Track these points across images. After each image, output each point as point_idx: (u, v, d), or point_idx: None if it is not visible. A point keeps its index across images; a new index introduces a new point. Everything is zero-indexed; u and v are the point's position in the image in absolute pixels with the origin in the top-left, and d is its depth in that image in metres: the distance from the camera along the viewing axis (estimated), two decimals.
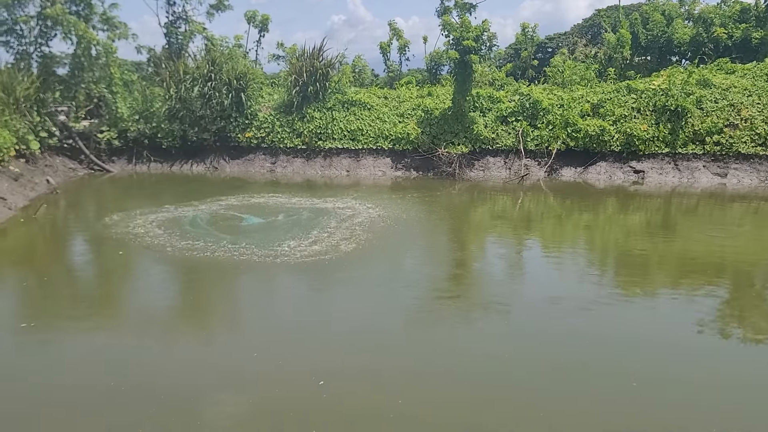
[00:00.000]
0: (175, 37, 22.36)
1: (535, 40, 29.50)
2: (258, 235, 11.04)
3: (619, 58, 24.19)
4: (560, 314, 7.58)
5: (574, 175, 19.19)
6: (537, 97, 20.05)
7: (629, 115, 19.36)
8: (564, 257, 10.89)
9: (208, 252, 9.72)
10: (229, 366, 6.04)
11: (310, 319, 7.35)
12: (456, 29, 19.16)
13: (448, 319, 7.51)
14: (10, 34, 19.96)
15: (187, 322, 7.28)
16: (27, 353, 6.35)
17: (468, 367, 6.12)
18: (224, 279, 8.77)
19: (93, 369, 5.94)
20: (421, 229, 12.22)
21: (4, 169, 14.47)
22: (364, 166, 20.03)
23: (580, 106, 19.83)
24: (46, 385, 5.60)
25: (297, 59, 21.13)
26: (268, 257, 9.53)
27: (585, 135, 19.18)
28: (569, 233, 12.92)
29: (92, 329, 6.97)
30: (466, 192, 17.19)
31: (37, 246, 10.44)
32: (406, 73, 26.89)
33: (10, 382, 5.67)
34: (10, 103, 16.71)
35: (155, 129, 19.76)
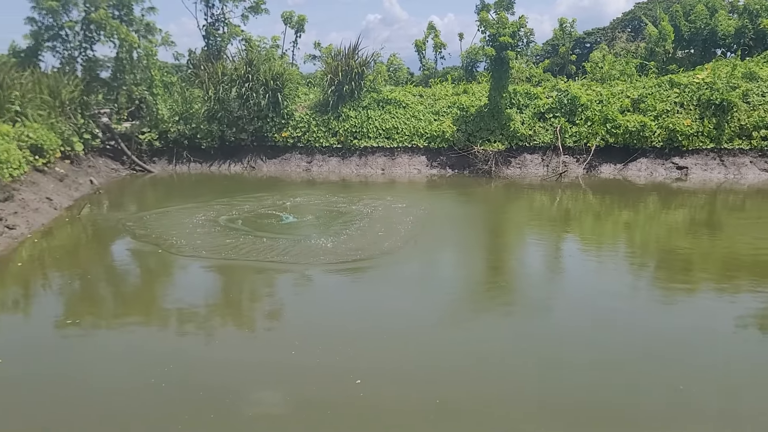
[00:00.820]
0: (214, 39, 22.72)
1: (573, 35, 29.03)
2: (294, 233, 11.13)
3: (661, 51, 23.61)
4: (600, 314, 7.44)
5: (613, 172, 18.81)
6: (575, 93, 19.73)
7: (672, 110, 18.89)
8: (604, 256, 10.68)
9: (246, 251, 9.84)
10: (266, 364, 6.10)
11: (347, 318, 7.36)
12: (492, 25, 18.98)
13: (487, 318, 7.45)
14: (56, 39, 20.59)
15: (226, 320, 7.38)
16: (69, 349, 6.52)
17: (509, 367, 6.05)
18: (262, 278, 8.86)
19: (133, 366, 6.06)
20: (457, 228, 12.14)
21: (50, 170, 14.91)
22: (400, 164, 20.01)
23: (620, 102, 19.44)
24: (87, 381, 5.75)
25: (332, 59, 21.23)
26: (304, 256, 9.60)
27: (625, 131, 18.80)
28: (609, 231, 12.67)
29: (132, 326, 7.13)
30: (503, 190, 17.02)
31: (81, 245, 10.73)
32: (441, 70, 26.76)
33: (53, 377, 5.83)
34: (56, 106, 17.20)
35: (194, 130, 20.10)
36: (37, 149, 14.42)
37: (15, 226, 10.85)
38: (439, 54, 26.81)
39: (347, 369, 5.90)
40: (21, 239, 10.54)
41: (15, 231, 10.70)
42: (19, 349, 6.50)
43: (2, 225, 10.59)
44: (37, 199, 12.68)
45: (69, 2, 19.96)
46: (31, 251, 10.04)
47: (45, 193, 13.35)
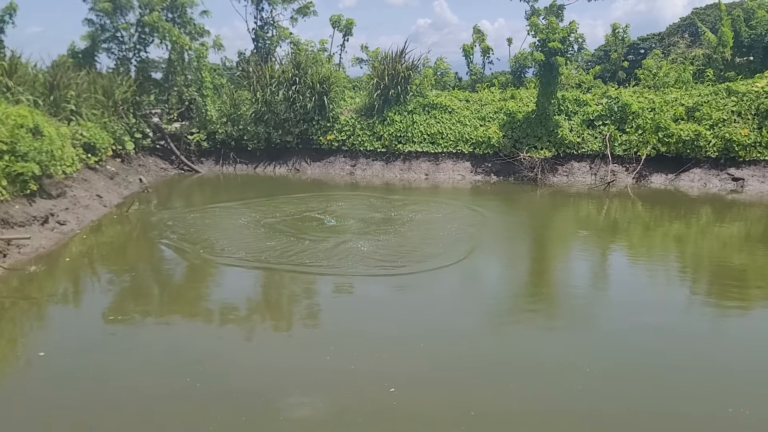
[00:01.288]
0: (263, 42, 23.03)
1: (626, 41, 28.32)
2: (336, 237, 11.12)
3: (719, 58, 22.79)
4: (649, 329, 7.15)
5: (664, 182, 18.23)
6: (626, 100, 19.21)
7: (728, 119, 18.18)
8: (653, 269, 10.32)
9: (287, 254, 9.88)
10: (301, 368, 6.07)
11: (385, 325, 7.29)
12: (542, 31, 18.66)
13: (528, 329, 7.27)
14: (111, 41, 21.25)
15: (263, 323, 7.41)
16: (110, 345, 6.63)
17: (547, 380, 5.86)
18: (301, 282, 8.87)
19: (170, 364, 6.12)
20: (501, 236, 11.93)
21: (102, 168, 15.33)
22: (444, 169, 19.84)
23: (673, 110, 18.83)
24: (125, 377, 5.82)
25: (379, 62, 21.23)
26: (344, 261, 9.58)
27: (678, 140, 18.19)
28: (659, 243, 12.25)
29: (171, 325, 7.22)
30: (549, 198, 16.68)
31: (128, 242, 10.97)
32: (489, 75, 26.47)
33: (93, 372, 5.93)
34: (109, 106, 17.70)
35: (242, 131, 20.39)
36: (90, 147, 14.85)
37: (66, 222, 11.17)
38: (487, 59, 26.54)
39: (382, 376, 5.82)
40: (71, 235, 10.84)
41: (65, 227, 11.02)
42: (62, 342, 6.65)
43: (54, 221, 10.92)
44: (88, 196, 13.04)
45: (124, 5, 20.57)
46: (80, 247, 10.31)
47: (96, 190, 13.73)
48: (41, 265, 9.02)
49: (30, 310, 7.55)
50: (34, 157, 10.93)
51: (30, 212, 10.56)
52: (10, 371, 6.01)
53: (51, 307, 7.76)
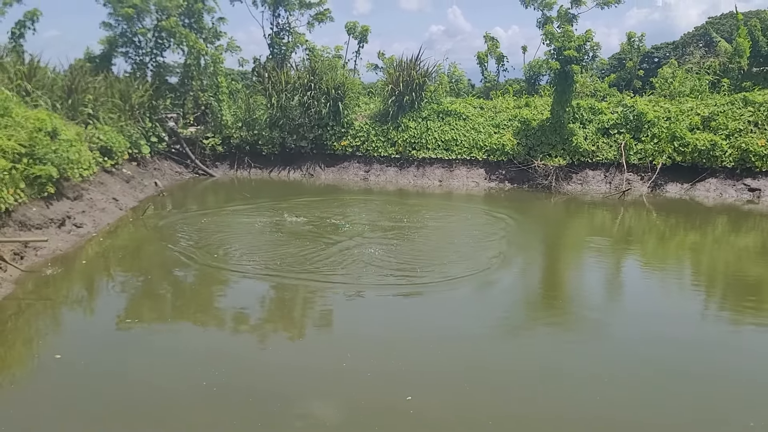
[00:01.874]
0: (279, 48, 23.14)
1: (642, 50, 28.14)
2: (349, 243, 11.12)
3: (735, 68, 22.61)
4: (663, 342, 7.08)
5: (680, 192, 18.09)
6: (642, 109, 19.11)
7: (745, 129, 18.03)
8: (667, 279, 10.24)
9: (303, 258, 9.91)
10: (317, 373, 6.08)
11: (401, 332, 7.27)
12: (557, 39, 18.62)
13: (542, 338, 7.23)
14: (129, 45, 21.47)
15: (278, 328, 7.41)
16: (126, 348, 6.67)
17: (563, 389, 5.82)
18: (317, 286, 8.87)
19: (186, 367, 6.14)
20: (515, 243, 11.87)
21: (118, 172, 15.46)
22: (457, 176, 19.82)
23: (689, 119, 18.70)
24: (141, 380, 5.85)
25: (394, 69, 21.28)
26: (358, 267, 9.58)
27: (693, 149, 18.06)
28: (673, 253, 12.16)
29: (187, 329, 7.24)
30: (563, 206, 16.60)
31: (143, 245, 11.03)
32: (503, 83, 26.42)
33: (111, 374, 5.96)
34: (126, 110, 17.87)
35: (256, 136, 20.49)
36: (107, 151, 14.98)
37: (82, 225, 11.27)
38: (502, 66, 26.50)
39: (399, 383, 5.82)
40: (87, 237, 10.93)
41: (82, 229, 11.12)
42: (79, 345, 6.70)
43: (70, 223, 11.01)
44: (104, 199, 13.15)
45: (142, 10, 20.77)
46: (96, 250, 10.39)
47: (112, 193, 13.84)
48: (58, 267, 9.10)
49: (46, 312, 7.60)
50: (52, 160, 11.04)
51: (47, 215, 10.66)
52: (28, 373, 6.05)
53: (67, 309, 7.82)
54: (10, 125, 10.42)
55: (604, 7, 22.69)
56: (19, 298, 7.78)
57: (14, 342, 6.67)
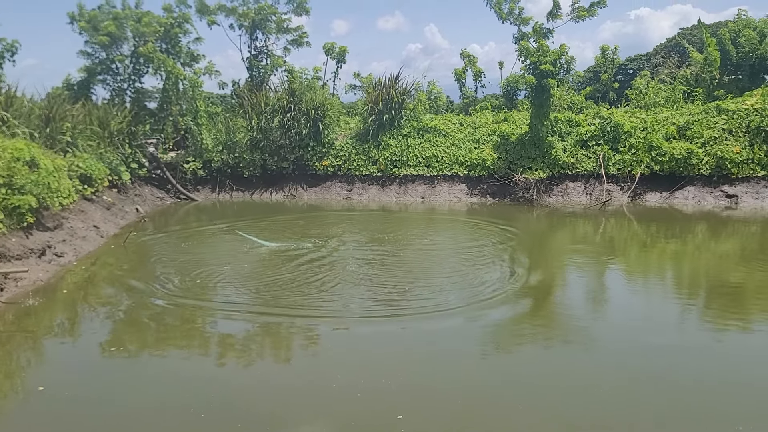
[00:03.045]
0: (257, 70, 23.22)
1: (616, 62, 28.70)
2: (333, 266, 11.11)
3: (707, 77, 23.09)
4: (649, 350, 7.14)
5: (659, 200, 18.34)
6: (618, 120, 19.41)
7: (720, 137, 18.39)
8: (650, 287, 10.34)
9: (291, 281, 9.88)
10: (308, 395, 6.04)
11: (389, 351, 7.26)
12: (533, 54, 18.90)
13: (531, 351, 7.24)
14: (107, 73, 21.42)
15: (269, 349, 7.36)
16: (111, 377, 6.57)
17: (557, 401, 5.83)
18: (305, 307, 8.82)
19: (174, 394, 6.07)
20: (499, 259, 11.93)
21: (98, 199, 15.32)
22: (440, 192, 19.93)
23: (665, 129, 19.03)
24: (130, 409, 5.76)
25: (373, 88, 21.43)
26: (345, 291, 9.57)
27: (671, 158, 18.36)
28: (655, 261, 12.29)
29: (172, 355, 7.16)
30: (545, 218, 16.73)
31: (125, 273, 10.89)
32: (481, 99, 26.72)
33: (96, 405, 5.86)
34: (105, 137, 17.77)
35: (237, 159, 20.47)
36: (86, 178, 14.84)
37: (63, 254, 11.14)
38: (479, 82, 26.81)
39: (388, 403, 5.79)
40: (68, 267, 10.80)
41: (63, 258, 10.99)
42: (63, 375, 6.60)
43: (51, 253, 10.88)
44: (85, 228, 13.01)
45: (120, 37, 20.76)
46: (77, 279, 10.26)
47: (93, 221, 13.70)
48: (39, 298, 8.97)
49: (28, 343, 7.48)
50: (31, 189, 10.93)
51: (27, 245, 10.52)
52: (10, 406, 5.93)
53: (49, 340, 7.70)
54: None
55: (579, 21, 23.08)
56: (0, 331, 7.64)
57: None
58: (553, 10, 22.94)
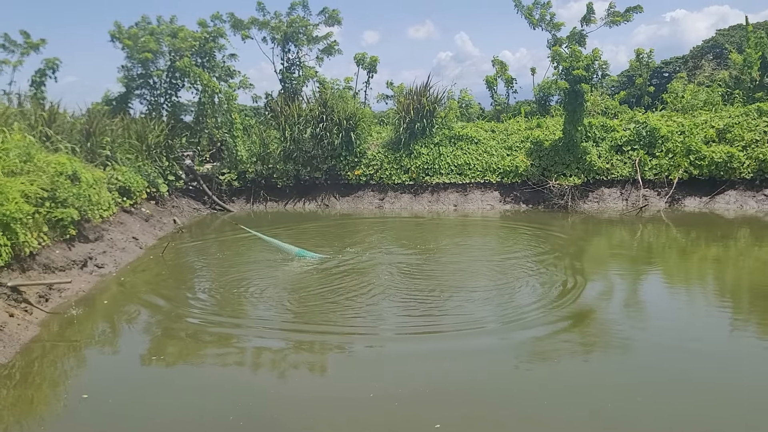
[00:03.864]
0: (290, 82, 23.52)
1: (651, 65, 28.19)
2: (367, 273, 11.15)
3: (747, 79, 22.54)
4: (689, 358, 6.98)
5: (698, 206, 17.94)
6: (654, 124, 19.09)
7: (761, 139, 17.93)
8: (692, 294, 10.11)
9: (324, 295, 9.95)
10: (346, 404, 6.07)
11: (427, 364, 7.23)
12: (566, 59, 18.74)
13: (568, 360, 7.14)
14: (144, 87, 21.97)
15: (304, 363, 7.41)
16: (151, 386, 6.72)
17: (597, 407, 5.74)
18: (339, 324, 8.87)
19: (212, 402, 6.15)
20: (536, 265, 11.80)
21: (137, 211, 15.67)
22: (472, 200, 19.83)
23: (703, 132, 18.65)
24: (168, 418, 5.87)
25: (404, 97, 21.50)
26: (381, 299, 9.59)
27: (710, 162, 17.97)
28: (696, 268, 12.01)
29: (211, 366, 7.25)
30: (581, 224, 16.51)
31: (163, 283, 11.11)
32: (513, 105, 26.55)
33: (135, 412, 5.98)
34: (143, 150, 18.19)
35: (271, 170, 20.71)
36: (125, 191, 15.22)
37: (104, 265, 11.41)
38: (511, 89, 26.64)
39: (427, 413, 5.78)
40: (109, 277, 11.06)
41: (103, 269, 11.26)
42: (105, 383, 6.75)
43: (92, 264, 11.16)
44: (125, 239, 13.31)
45: (157, 51, 21.28)
46: (118, 289, 10.49)
47: (132, 233, 14.01)
48: (81, 308, 9.19)
49: (72, 352, 7.67)
50: (73, 202, 11.23)
51: (70, 256, 10.81)
52: (56, 414, 6.09)
53: (91, 349, 7.89)
54: (32, 170, 10.64)
55: (612, 26, 22.84)
56: (45, 340, 7.86)
57: (41, 383, 6.73)
58: (587, 16, 22.75)
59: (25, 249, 9.38)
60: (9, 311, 8.10)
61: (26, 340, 7.67)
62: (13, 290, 8.61)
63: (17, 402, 6.20)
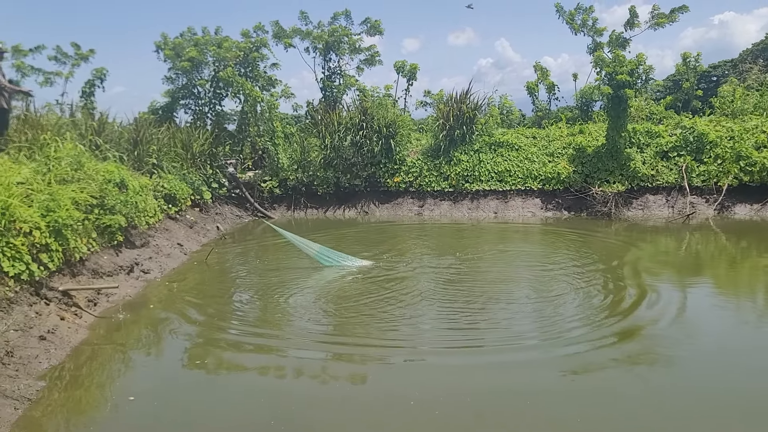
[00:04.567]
0: (330, 90, 23.75)
1: (698, 69, 27.51)
2: (406, 281, 11.13)
3: None
4: (739, 372, 6.75)
5: (750, 213, 17.38)
6: (702, 129, 18.60)
7: None
8: (743, 306, 9.78)
9: (363, 305, 9.98)
10: (387, 410, 6.08)
11: (470, 378, 7.19)
12: (609, 64, 18.44)
13: (612, 374, 6.99)
14: (189, 97, 22.50)
15: (343, 368, 7.45)
16: (195, 390, 6.84)
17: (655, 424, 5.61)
18: (378, 337, 8.89)
19: (255, 406, 6.23)
20: (581, 274, 11.62)
21: (181, 218, 16.03)
22: (513, 207, 19.65)
23: (754, 138, 18.08)
24: (213, 422, 5.97)
25: (444, 104, 21.47)
26: (420, 309, 9.57)
27: (762, 168, 17.41)
28: (747, 278, 11.62)
29: (253, 373, 7.33)
30: (624, 232, 16.16)
31: (207, 289, 11.32)
32: (555, 111, 26.25)
33: (183, 414, 6.12)
34: (188, 158, 18.61)
35: (311, 177, 20.92)
36: (171, 198, 15.58)
37: (149, 271, 11.70)
38: (553, 95, 26.35)
39: (471, 420, 5.74)
40: (154, 282, 11.32)
41: (149, 275, 11.53)
42: (151, 386, 6.91)
43: (138, 269, 11.45)
44: (170, 245, 13.62)
45: (201, 62, 21.79)
46: (162, 295, 10.72)
47: (176, 239, 14.33)
48: (127, 312, 9.43)
49: (118, 356, 7.87)
50: (120, 209, 11.56)
51: (117, 262, 11.12)
52: (104, 415, 6.25)
53: (137, 352, 8.08)
54: (82, 178, 11.01)
55: (657, 28, 22.38)
56: (93, 343, 8.09)
57: (90, 385, 6.92)
58: (631, 20, 22.38)
59: (75, 254, 9.69)
60: (60, 314, 8.38)
61: (76, 343, 7.92)
62: (64, 294, 8.91)
63: (67, 402, 6.40)
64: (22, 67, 20.73)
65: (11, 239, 8.05)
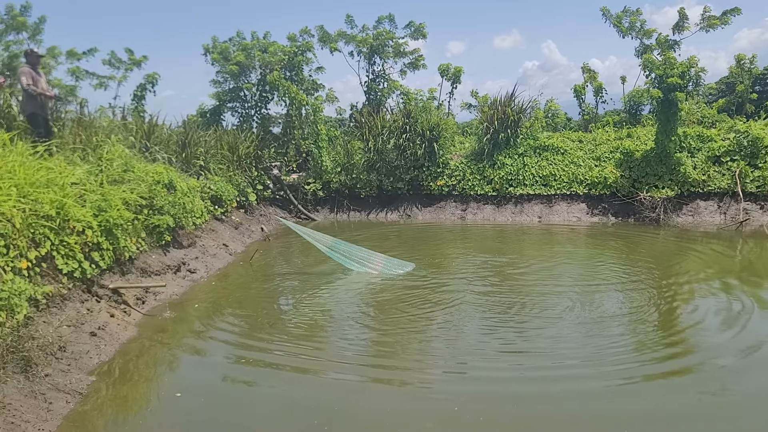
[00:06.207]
0: (374, 94, 23.85)
1: (754, 72, 26.57)
2: (446, 292, 11.08)
3: None
4: None
5: None
6: (757, 133, 17.96)
7: None
8: None
9: (401, 320, 9.98)
10: (432, 415, 6.09)
11: (516, 375, 7.13)
12: (658, 67, 17.99)
13: (657, 387, 6.81)
14: (236, 100, 22.93)
15: (384, 370, 7.47)
16: (240, 388, 7.00)
17: None
18: (413, 359, 8.89)
19: (298, 406, 6.31)
20: (628, 282, 11.36)
21: (227, 219, 16.33)
22: (557, 212, 19.34)
23: None
24: (257, 418, 6.08)
25: (488, 107, 21.31)
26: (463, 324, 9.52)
27: None
28: None
29: (293, 374, 7.40)
30: (674, 239, 15.72)
31: (252, 289, 11.50)
32: (602, 114, 25.73)
33: (227, 412, 6.22)
34: (234, 161, 18.95)
35: (355, 180, 21.04)
36: (217, 200, 15.89)
37: (196, 270, 11.95)
38: (600, 98, 25.86)
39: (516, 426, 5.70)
40: (200, 282, 11.57)
41: (195, 275, 11.79)
42: (196, 384, 7.06)
43: (185, 269, 11.72)
44: (215, 246, 13.89)
45: (248, 66, 22.18)
46: (208, 294, 10.94)
47: (222, 240, 14.60)
48: (174, 311, 9.66)
49: (166, 353, 8.07)
50: (169, 210, 11.85)
51: (165, 261, 11.41)
52: (153, 409, 6.43)
53: (183, 350, 8.26)
54: (132, 179, 11.34)
55: (709, 30, 21.74)
56: (141, 340, 8.32)
57: (138, 381, 7.12)
58: (680, 21, 21.83)
59: (125, 253, 9.99)
60: (110, 312, 8.65)
61: (124, 340, 8.15)
62: (114, 292, 9.19)
63: (116, 397, 6.60)
64: (77, 71, 21.43)
65: (65, 237, 8.35)
